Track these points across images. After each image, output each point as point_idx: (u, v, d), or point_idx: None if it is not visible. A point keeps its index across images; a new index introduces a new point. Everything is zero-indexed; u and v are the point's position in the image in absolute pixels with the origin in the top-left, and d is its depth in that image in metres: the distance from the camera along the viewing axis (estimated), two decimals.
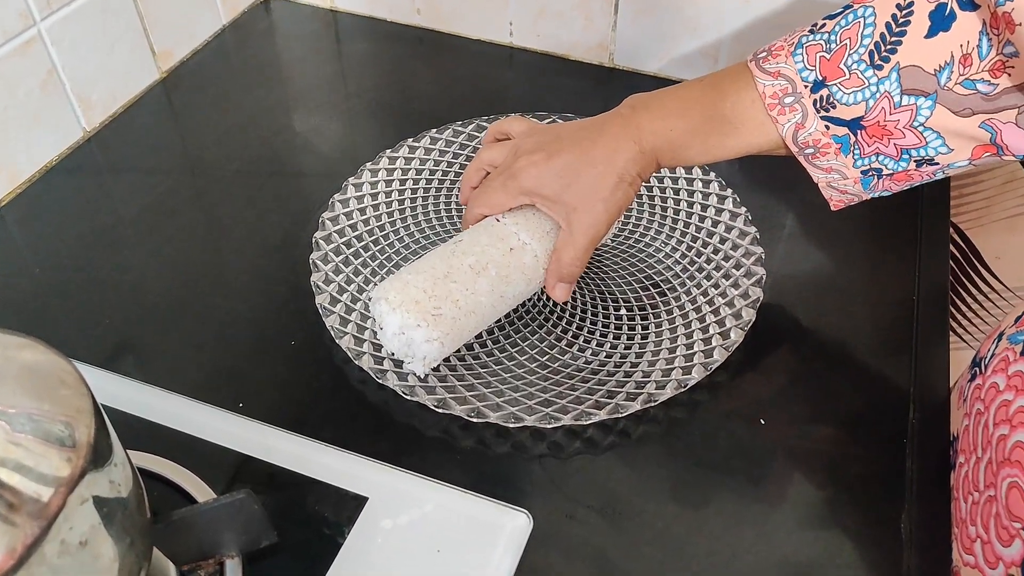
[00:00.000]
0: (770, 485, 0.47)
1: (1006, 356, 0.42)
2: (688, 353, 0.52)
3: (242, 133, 0.70)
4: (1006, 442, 0.39)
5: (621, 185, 0.49)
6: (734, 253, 0.57)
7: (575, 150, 0.50)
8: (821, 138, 0.46)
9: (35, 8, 0.61)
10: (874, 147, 0.45)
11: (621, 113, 0.51)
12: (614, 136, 0.49)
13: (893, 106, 0.43)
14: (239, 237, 0.61)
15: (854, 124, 0.45)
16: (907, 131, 0.44)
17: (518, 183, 0.51)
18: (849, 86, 0.44)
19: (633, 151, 0.49)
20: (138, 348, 0.53)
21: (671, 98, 0.50)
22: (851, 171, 0.47)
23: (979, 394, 0.44)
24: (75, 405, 0.28)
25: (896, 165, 0.46)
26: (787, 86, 0.46)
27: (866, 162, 0.46)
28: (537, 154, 0.50)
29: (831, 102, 0.45)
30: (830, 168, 0.48)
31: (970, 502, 0.41)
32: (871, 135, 0.45)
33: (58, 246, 0.60)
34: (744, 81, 0.47)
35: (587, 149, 0.49)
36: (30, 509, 0.25)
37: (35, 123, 0.63)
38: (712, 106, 0.48)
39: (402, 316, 0.48)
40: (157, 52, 0.73)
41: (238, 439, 0.47)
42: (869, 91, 0.44)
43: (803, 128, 0.46)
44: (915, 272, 0.58)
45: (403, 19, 0.82)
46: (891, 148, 0.45)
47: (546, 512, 0.45)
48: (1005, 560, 0.37)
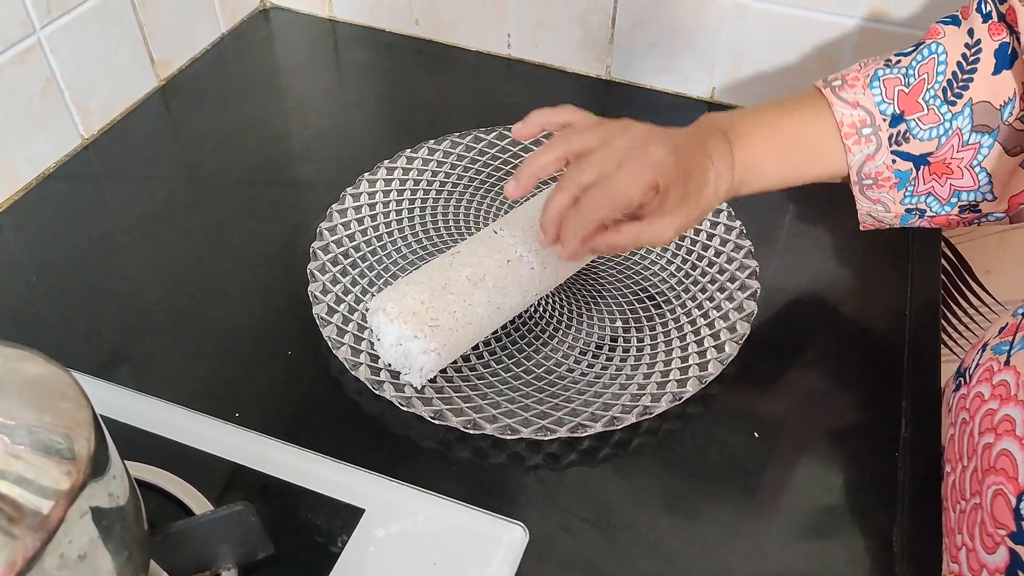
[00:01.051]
0: (764, 497, 0.47)
1: (990, 366, 0.43)
2: (683, 366, 0.52)
3: (240, 142, 0.70)
4: (991, 450, 0.39)
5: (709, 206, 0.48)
6: (729, 267, 0.58)
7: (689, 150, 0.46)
8: (884, 171, 0.48)
9: (35, 16, 0.61)
10: (929, 185, 0.47)
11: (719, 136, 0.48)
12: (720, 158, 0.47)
13: (961, 143, 0.46)
14: (237, 246, 0.61)
15: (921, 159, 0.47)
16: (966, 171, 0.46)
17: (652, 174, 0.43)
18: (927, 122, 0.46)
19: (728, 180, 0.48)
20: (135, 357, 0.54)
21: (759, 125, 0.48)
22: (896, 207, 0.49)
23: (964, 403, 0.44)
24: (75, 418, 0.29)
25: (941, 208, 0.48)
26: (866, 117, 0.47)
27: (915, 200, 0.48)
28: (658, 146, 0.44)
29: (907, 137, 0.47)
30: (878, 200, 0.49)
31: (958, 511, 0.42)
32: (932, 172, 0.47)
33: (55, 253, 0.60)
34: (824, 109, 0.48)
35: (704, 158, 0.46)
36: (30, 522, 0.25)
37: (34, 130, 0.64)
38: (797, 135, 0.48)
39: (399, 327, 0.48)
40: (156, 60, 0.73)
41: (234, 449, 0.47)
42: (943, 127, 0.46)
43: (872, 160, 0.47)
44: (907, 286, 0.59)
45: (402, 29, 0.82)
46: (945, 188, 0.47)
47: (542, 524, 0.45)
48: (989, 567, 0.38)
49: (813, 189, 0.66)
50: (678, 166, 0.44)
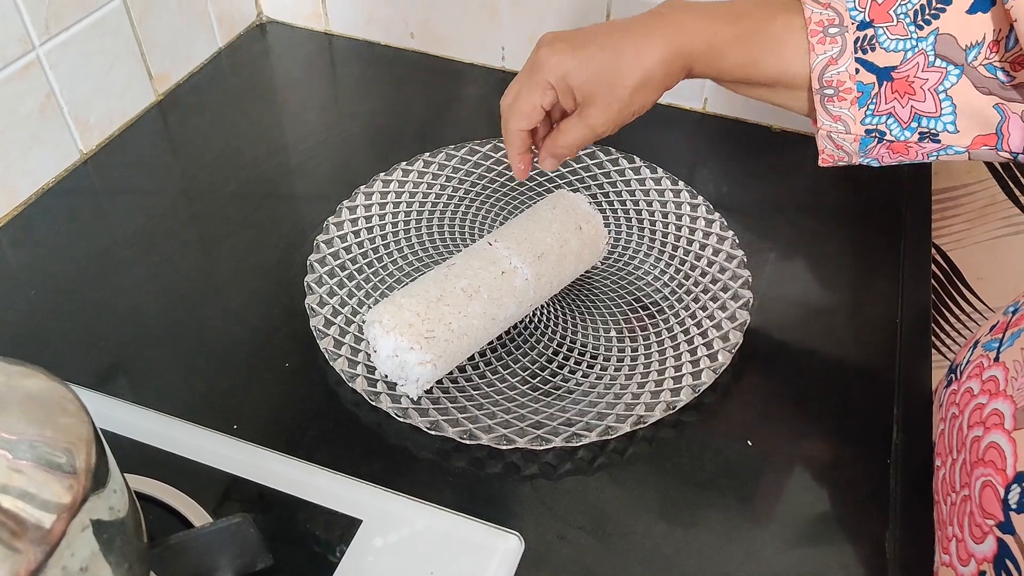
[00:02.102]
0: (758, 504, 0.48)
1: (981, 362, 0.44)
2: (677, 375, 0.53)
3: (237, 155, 0.71)
4: (980, 443, 0.40)
5: (644, 87, 0.47)
6: (722, 276, 0.58)
7: (602, 40, 0.47)
8: (846, 80, 0.46)
9: (34, 33, 0.62)
10: (890, 105, 0.46)
11: (658, 11, 0.48)
12: (647, 32, 0.47)
13: (927, 63, 0.44)
14: (234, 259, 0.62)
15: (884, 73, 0.45)
16: (929, 94, 0.44)
17: (542, 74, 0.48)
18: (894, 33, 0.44)
19: (666, 51, 0.46)
20: (133, 370, 0.54)
21: (716, 6, 0.48)
22: (856, 127, 0.47)
23: (954, 399, 0.45)
24: (76, 432, 0.29)
25: (901, 132, 0.46)
26: (835, 17, 0.45)
27: (875, 121, 0.46)
28: (558, 43, 0.48)
29: (872, 44, 0.45)
30: (839, 117, 0.47)
31: (949, 503, 0.43)
32: (894, 90, 0.45)
33: (53, 267, 0.61)
34: (794, 6, 0.47)
35: (616, 41, 0.47)
36: (33, 536, 0.26)
37: (33, 145, 0.64)
38: (762, 20, 0.47)
39: (395, 339, 0.49)
40: (154, 75, 0.74)
41: (232, 461, 0.47)
42: (910, 43, 0.44)
43: (835, 64, 0.46)
44: (898, 294, 0.59)
45: (397, 43, 0.83)
46: (906, 110, 0.45)
47: (537, 533, 0.46)
48: (977, 557, 0.39)
49: (804, 198, 0.67)
50: (574, 58, 0.47)
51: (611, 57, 0.47)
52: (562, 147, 0.51)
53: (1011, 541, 0.36)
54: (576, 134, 0.50)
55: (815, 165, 0.50)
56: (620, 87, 0.47)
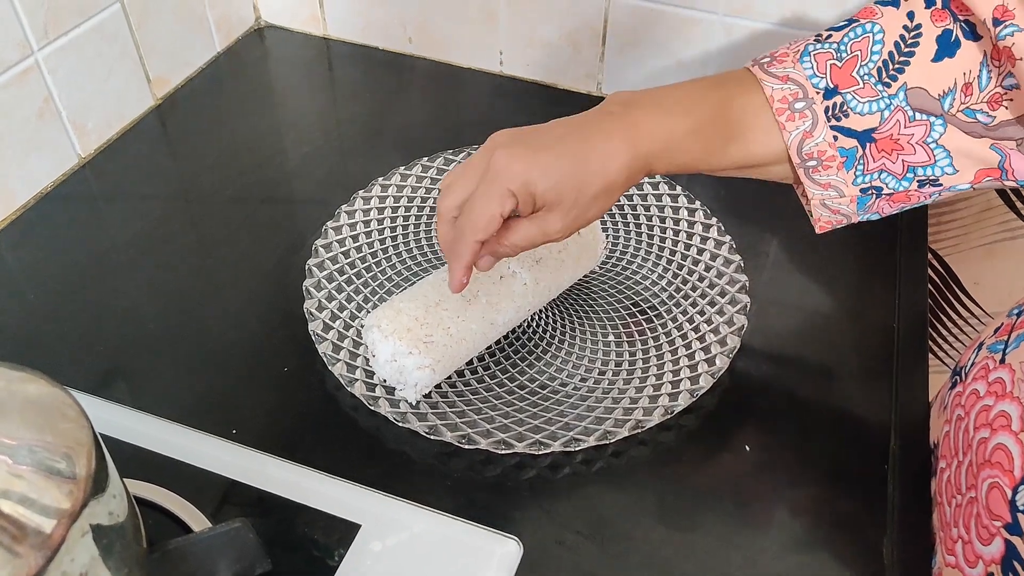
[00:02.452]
0: (756, 509, 0.48)
1: (986, 364, 0.44)
2: (675, 380, 0.53)
3: (235, 160, 0.71)
4: (987, 445, 0.40)
5: (603, 195, 0.44)
6: (719, 281, 0.59)
7: (562, 145, 0.43)
8: (827, 149, 0.44)
9: (32, 38, 0.62)
10: (880, 163, 0.44)
11: (611, 111, 0.45)
12: (606, 137, 0.43)
13: (908, 119, 0.42)
14: (232, 263, 0.62)
15: (865, 136, 0.43)
16: (919, 147, 0.43)
17: (502, 182, 0.43)
18: (863, 95, 0.43)
19: (626, 157, 0.43)
20: (131, 374, 0.54)
21: (668, 97, 0.45)
22: (849, 188, 0.45)
23: (959, 400, 0.45)
24: (76, 438, 0.29)
25: (898, 184, 0.44)
26: (797, 91, 0.44)
27: (867, 179, 0.44)
28: (517, 148, 0.43)
29: (844, 110, 0.43)
30: (828, 184, 0.45)
31: (953, 505, 0.43)
32: (880, 149, 0.43)
33: (52, 272, 0.61)
34: (751, 85, 0.44)
35: (578, 146, 0.43)
36: (33, 541, 0.26)
37: (31, 150, 0.64)
38: (718, 107, 0.44)
39: (394, 344, 0.49)
40: (152, 79, 0.74)
41: (231, 466, 0.47)
42: (883, 102, 0.43)
43: (811, 137, 0.44)
44: (895, 299, 0.60)
45: (395, 47, 0.83)
46: (897, 165, 0.44)
47: (536, 538, 0.46)
48: (985, 558, 0.39)
49: (802, 205, 0.67)
50: (537, 165, 0.43)
51: (575, 164, 0.43)
52: (507, 246, 0.45)
53: (1019, 542, 0.36)
54: (527, 236, 0.45)
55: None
56: (582, 194, 0.43)
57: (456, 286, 0.46)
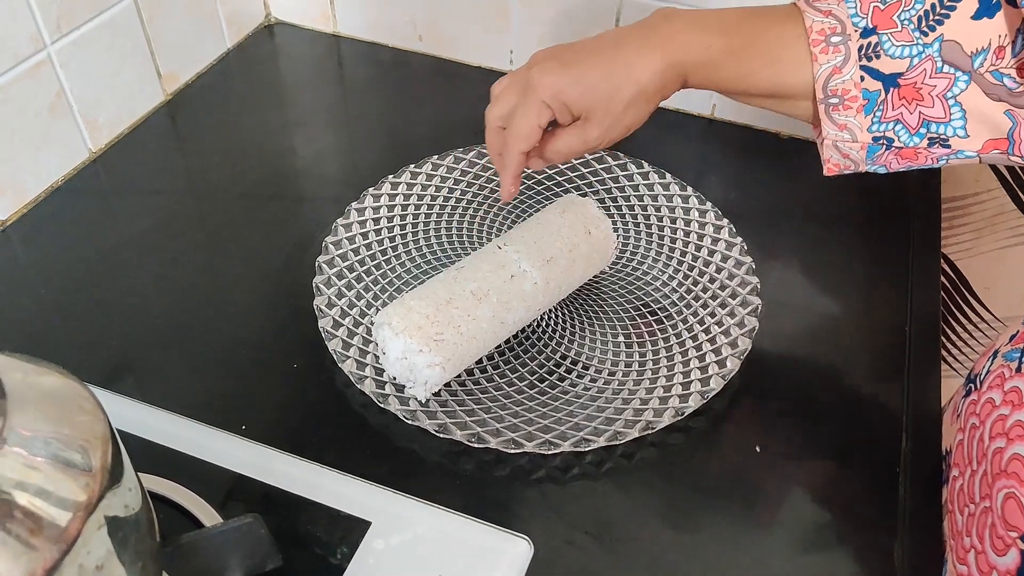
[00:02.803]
0: (765, 511, 0.48)
1: (1002, 372, 0.43)
2: (685, 381, 0.53)
3: (245, 156, 0.71)
4: (1002, 455, 0.40)
5: (638, 100, 0.47)
6: (730, 283, 0.58)
7: (595, 56, 0.47)
8: (851, 89, 0.45)
9: (45, 32, 0.62)
10: (898, 112, 0.45)
11: (649, 23, 0.47)
12: (639, 46, 0.46)
13: (935, 70, 0.43)
14: (242, 260, 0.62)
15: (891, 80, 0.45)
16: (938, 100, 0.44)
17: (537, 95, 0.47)
18: (899, 39, 0.44)
19: (659, 64, 0.46)
20: (141, 369, 0.54)
21: (710, 16, 0.47)
22: (863, 134, 0.46)
23: (974, 409, 0.45)
24: (92, 430, 0.29)
25: (909, 138, 0.45)
26: (836, 25, 0.45)
27: (882, 128, 0.46)
28: (551, 62, 0.47)
29: (877, 51, 0.44)
30: (844, 125, 0.46)
31: (966, 514, 0.42)
32: (902, 96, 0.45)
33: (62, 266, 0.61)
34: (792, 16, 0.46)
35: (609, 57, 0.46)
36: (49, 533, 0.26)
37: (43, 144, 0.64)
38: (756, 32, 0.46)
39: (405, 341, 0.49)
40: (163, 75, 0.74)
41: (241, 461, 0.47)
42: (916, 48, 0.44)
43: (839, 73, 0.45)
44: (907, 302, 0.59)
45: (405, 45, 0.83)
46: (914, 116, 0.45)
47: (545, 537, 0.45)
48: (999, 569, 0.38)
49: (812, 206, 0.67)
50: (567, 75, 0.46)
51: (604, 73, 0.46)
52: (553, 153, 0.50)
53: None
54: (569, 144, 0.49)
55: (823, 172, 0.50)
56: (614, 102, 0.47)
57: (506, 195, 0.52)
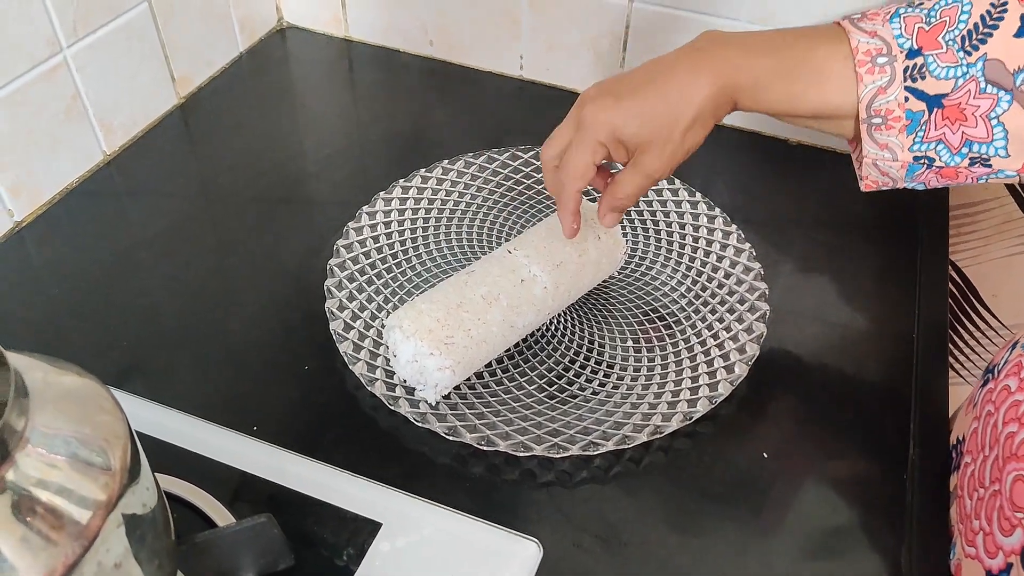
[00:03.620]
0: (773, 516, 0.48)
1: (1019, 361, 0.44)
2: (694, 386, 0.53)
3: (257, 159, 0.72)
4: (1014, 439, 0.41)
5: (695, 125, 0.47)
6: (738, 288, 0.59)
7: (647, 87, 0.47)
8: (895, 109, 0.46)
9: (62, 35, 0.62)
10: (940, 132, 0.46)
11: (698, 47, 0.48)
12: (691, 70, 0.47)
13: (979, 90, 0.44)
14: (254, 262, 0.62)
15: (935, 100, 0.45)
16: (981, 120, 0.44)
17: (592, 132, 0.47)
18: (944, 60, 0.44)
19: (712, 87, 0.46)
20: (153, 369, 0.54)
21: (756, 38, 0.48)
22: (904, 153, 0.47)
23: (990, 397, 0.45)
24: (112, 430, 0.30)
25: (951, 158, 0.46)
26: (882, 46, 0.45)
27: (924, 148, 0.46)
28: (604, 99, 0.47)
29: (922, 72, 0.45)
30: (886, 144, 0.47)
31: (975, 498, 0.43)
32: (945, 116, 0.45)
33: (75, 267, 0.61)
34: (838, 36, 0.46)
35: (661, 85, 0.47)
36: (70, 531, 0.26)
37: (58, 146, 0.65)
38: (804, 52, 0.47)
39: (416, 344, 0.49)
40: (176, 78, 0.75)
41: (253, 462, 0.47)
42: (960, 69, 0.44)
43: (883, 94, 0.46)
44: (915, 309, 0.60)
45: (416, 50, 0.84)
46: (956, 136, 0.45)
47: (553, 540, 0.46)
48: (1005, 549, 0.39)
49: (821, 212, 0.67)
50: (621, 112, 0.47)
51: (659, 103, 0.47)
52: (621, 199, 0.50)
53: None
54: (634, 184, 0.49)
55: (831, 178, 0.51)
56: (672, 130, 0.47)
57: (568, 232, 0.53)
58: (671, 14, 0.72)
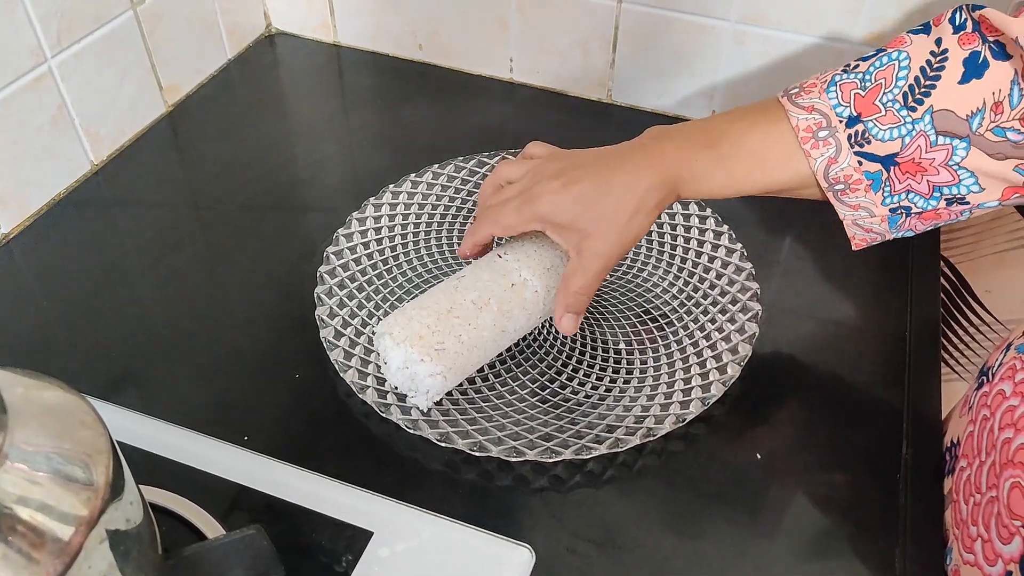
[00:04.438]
0: (767, 518, 0.48)
1: (1013, 365, 0.44)
2: (686, 388, 0.53)
3: (246, 167, 0.71)
4: (1010, 445, 0.40)
5: (638, 215, 0.48)
6: (730, 289, 0.58)
7: (594, 178, 0.49)
8: (853, 173, 0.46)
9: (46, 45, 0.62)
10: (906, 184, 0.46)
11: (643, 143, 0.50)
12: (635, 164, 0.49)
13: (929, 144, 0.44)
14: (243, 271, 0.62)
15: (888, 160, 0.46)
16: (942, 168, 0.45)
17: (533, 208, 0.49)
18: (885, 122, 0.45)
19: (654, 180, 0.48)
20: (142, 381, 0.54)
21: (696, 129, 0.49)
22: (879, 208, 0.47)
23: (985, 400, 0.45)
24: (94, 445, 0.29)
25: (926, 203, 0.46)
26: (821, 120, 0.46)
27: (896, 199, 0.47)
28: (556, 181, 0.49)
29: (866, 137, 0.45)
30: (858, 205, 0.48)
31: (971, 504, 0.43)
32: (904, 171, 0.45)
33: (64, 278, 0.61)
34: (774, 114, 0.47)
35: (606, 177, 0.48)
36: (52, 548, 0.26)
37: (44, 156, 0.65)
38: (740, 137, 0.48)
39: (406, 351, 0.49)
40: (164, 86, 0.75)
41: (243, 472, 0.47)
42: (905, 128, 0.44)
43: (836, 163, 0.46)
44: (907, 307, 0.59)
45: (405, 54, 0.84)
46: (923, 185, 0.45)
47: (548, 545, 0.46)
48: (1004, 557, 0.39)
49: (812, 212, 0.67)
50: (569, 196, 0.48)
51: (604, 194, 0.48)
52: (576, 295, 0.50)
53: None
54: (583, 272, 0.49)
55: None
56: (618, 218, 0.48)
57: (462, 252, 0.54)
58: (660, 15, 0.71)
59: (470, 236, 0.53)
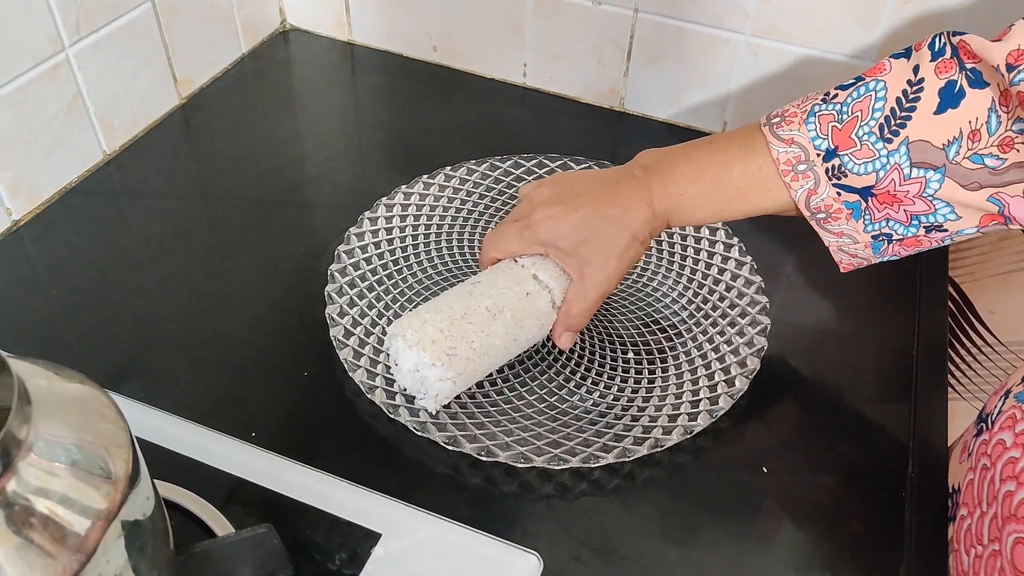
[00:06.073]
0: (771, 532, 0.48)
1: (1013, 414, 0.44)
2: (694, 400, 0.53)
3: (257, 162, 0.71)
4: (1012, 498, 0.40)
5: (633, 244, 0.51)
6: (739, 302, 0.59)
7: (592, 207, 0.51)
8: (833, 203, 0.48)
9: (64, 34, 0.62)
10: (884, 213, 0.47)
11: (635, 174, 0.52)
12: (629, 196, 0.51)
13: (903, 177, 0.45)
14: (253, 265, 0.62)
15: (865, 192, 0.47)
16: (917, 199, 0.46)
17: (534, 234, 0.52)
18: (860, 157, 0.46)
19: (646, 213, 0.51)
20: (150, 373, 0.54)
21: (683, 161, 0.51)
22: (862, 236, 0.49)
23: (985, 450, 0.45)
24: (114, 439, 0.29)
25: (906, 231, 0.47)
26: (800, 153, 0.48)
27: (877, 227, 0.48)
28: (555, 207, 0.52)
29: (843, 171, 0.47)
30: (841, 233, 0.49)
31: (972, 555, 0.43)
32: (882, 201, 0.47)
33: (74, 268, 0.61)
34: (753, 147, 0.49)
35: (603, 207, 0.51)
36: (71, 542, 0.26)
37: (58, 145, 0.64)
38: (722, 171, 0.50)
39: (418, 354, 0.49)
40: (178, 79, 0.75)
41: (251, 469, 0.47)
42: (880, 162, 0.45)
43: (815, 194, 0.48)
44: (914, 325, 0.60)
45: (419, 55, 0.84)
46: (901, 214, 0.47)
47: (552, 553, 0.46)
48: None
49: None
50: (568, 224, 0.51)
51: (601, 222, 0.51)
52: (576, 316, 0.53)
53: None
54: (583, 297, 0.52)
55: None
56: (615, 246, 0.51)
57: None
58: (676, 25, 0.72)
59: (482, 265, 0.55)
